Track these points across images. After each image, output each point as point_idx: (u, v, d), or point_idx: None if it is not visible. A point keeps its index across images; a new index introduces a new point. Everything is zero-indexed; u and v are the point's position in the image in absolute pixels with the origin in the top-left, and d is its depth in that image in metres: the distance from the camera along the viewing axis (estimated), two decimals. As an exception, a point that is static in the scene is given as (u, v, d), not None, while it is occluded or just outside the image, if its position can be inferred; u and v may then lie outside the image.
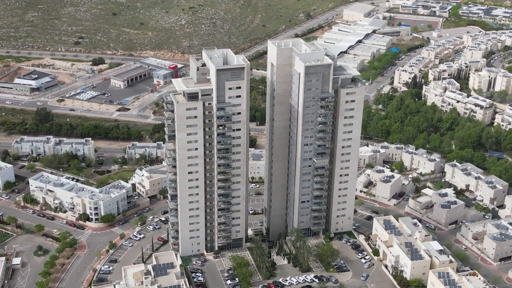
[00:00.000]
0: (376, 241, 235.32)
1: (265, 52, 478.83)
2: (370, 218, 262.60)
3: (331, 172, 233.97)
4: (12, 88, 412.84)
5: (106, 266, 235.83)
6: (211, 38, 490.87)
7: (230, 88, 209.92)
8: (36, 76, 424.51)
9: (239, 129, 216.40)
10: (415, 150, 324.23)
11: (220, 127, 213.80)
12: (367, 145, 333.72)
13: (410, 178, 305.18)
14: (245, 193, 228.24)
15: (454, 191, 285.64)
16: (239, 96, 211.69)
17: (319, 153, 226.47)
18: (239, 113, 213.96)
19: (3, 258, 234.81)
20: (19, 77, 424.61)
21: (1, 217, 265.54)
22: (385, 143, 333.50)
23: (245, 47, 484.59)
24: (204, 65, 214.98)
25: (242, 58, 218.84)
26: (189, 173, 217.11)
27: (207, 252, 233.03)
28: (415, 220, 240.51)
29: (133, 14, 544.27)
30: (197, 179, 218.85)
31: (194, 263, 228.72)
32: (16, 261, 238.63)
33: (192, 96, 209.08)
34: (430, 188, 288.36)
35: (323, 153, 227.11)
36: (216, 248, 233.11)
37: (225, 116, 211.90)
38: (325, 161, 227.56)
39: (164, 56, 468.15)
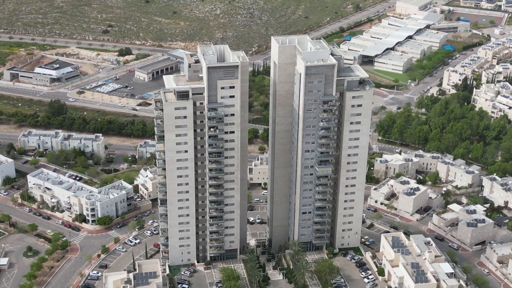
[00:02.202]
0: (381, 259, 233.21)
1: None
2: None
3: (336, 182, 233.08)
4: (32, 78, 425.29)
5: (95, 272, 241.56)
6: (247, 30, 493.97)
7: (222, 88, 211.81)
8: (57, 65, 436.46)
9: (233, 132, 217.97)
10: (453, 160, 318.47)
11: (211, 129, 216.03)
12: (400, 153, 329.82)
13: (444, 190, 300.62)
14: (240, 201, 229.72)
15: (487, 208, 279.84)
16: (233, 96, 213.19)
17: (322, 161, 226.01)
18: (232, 115, 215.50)
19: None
20: (40, 66, 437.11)
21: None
22: (420, 151, 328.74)
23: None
24: (197, 61, 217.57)
25: (242, 55, 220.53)
26: (178, 176, 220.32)
27: (198, 262, 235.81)
28: (428, 239, 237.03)
29: (167, 1, 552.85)
30: (187, 184, 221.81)
31: (182, 273, 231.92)
32: (3, 261, 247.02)
33: (182, 95, 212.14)
34: (459, 204, 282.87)
35: (326, 161, 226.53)
36: (208, 259, 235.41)
37: (217, 117, 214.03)
38: (328, 170, 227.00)
39: (195, 48, 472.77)
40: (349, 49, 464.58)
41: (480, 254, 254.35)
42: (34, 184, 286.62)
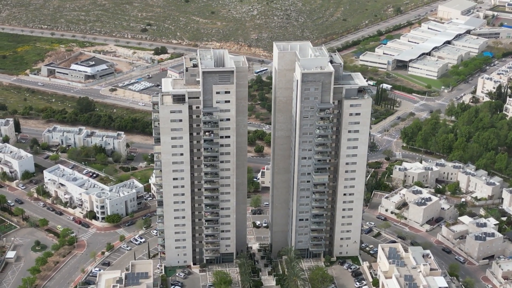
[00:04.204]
0: (377, 270, 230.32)
1: (339, 49, 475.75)
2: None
3: (335, 190, 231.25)
4: (67, 74, 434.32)
5: (97, 269, 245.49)
6: (282, 31, 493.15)
7: (218, 92, 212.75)
8: (93, 63, 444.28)
9: (228, 136, 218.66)
10: (475, 170, 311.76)
11: (206, 133, 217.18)
12: (421, 161, 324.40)
13: (463, 201, 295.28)
14: (237, 205, 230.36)
15: (503, 221, 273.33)
16: (228, 101, 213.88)
17: (319, 169, 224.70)
18: (228, 119, 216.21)
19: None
20: (76, 63, 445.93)
21: (10, 207, 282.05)
22: (442, 160, 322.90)
23: (318, 42, 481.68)
24: (195, 65, 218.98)
25: (243, 60, 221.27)
26: (174, 179, 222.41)
27: (195, 264, 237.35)
28: (427, 251, 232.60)
29: (206, 1, 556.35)
30: (183, 186, 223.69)
31: (177, 274, 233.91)
32: (10, 254, 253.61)
33: (178, 98, 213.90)
34: (472, 216, 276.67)
35: (323, 168, 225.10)
36: (204, 261, 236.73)
37: (212, 121, 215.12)
38: (324, 178, 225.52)
39: (230, 48, 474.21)
40: (384, 53, 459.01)
41: (486, 268, 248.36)
42: (49, 179, 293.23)
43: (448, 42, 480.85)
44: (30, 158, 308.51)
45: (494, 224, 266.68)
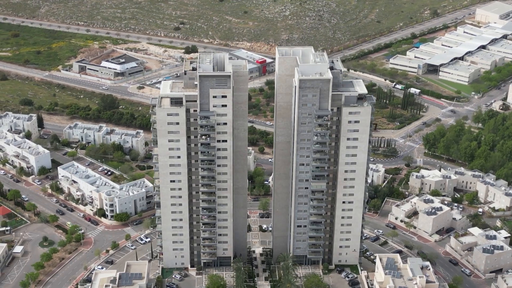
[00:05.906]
0: (373, 280, 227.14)
1: (370, 52, 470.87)
2: (400, 253, 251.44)
3: (334, 198, 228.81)
4: (97, 71, 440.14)
5: (100, 267, 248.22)
6: (313, 33, 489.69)
7: (214, 96, 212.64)
8: (123, 60, 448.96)
9: (225, 141, 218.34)
10: (495, 180, 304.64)
11: (203, 137, 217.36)
12: (440, 169, 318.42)
13: (480, 211, 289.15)
14: (235, 209, 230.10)
15: (510, 235, 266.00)
16: (225, 106, 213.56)
17: (317, 176, 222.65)
18: (225, 124, 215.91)
19: (5, 245, 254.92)
20: (107, 60, 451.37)
21: (24, 202, 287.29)
22: (461, 169, 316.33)
23: (350, 44, 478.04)
24: (194, 69, 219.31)
25: (244, 64, 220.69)
26: (171, 181, 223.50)
27: (193, 266, 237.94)
28: (427, 263, 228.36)
29: (240, 1, 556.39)
30: (180, 189, 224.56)
31: (173, 276, 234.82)
32: (18, 249, 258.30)
33: (176, 101, 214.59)
34: (483, 227, 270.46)
35: (321, 175, 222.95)
36: (201, 264, 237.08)
37: (209, 125, 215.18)
38: (322, 185, 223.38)
39: (260, 48, 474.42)
40: (415, 57, 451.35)
41: (492, 282, 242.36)
42: (63, 176, 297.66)
43: (483, 47, 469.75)
44: (47, 154, 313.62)
45: (505, 237, 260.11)
